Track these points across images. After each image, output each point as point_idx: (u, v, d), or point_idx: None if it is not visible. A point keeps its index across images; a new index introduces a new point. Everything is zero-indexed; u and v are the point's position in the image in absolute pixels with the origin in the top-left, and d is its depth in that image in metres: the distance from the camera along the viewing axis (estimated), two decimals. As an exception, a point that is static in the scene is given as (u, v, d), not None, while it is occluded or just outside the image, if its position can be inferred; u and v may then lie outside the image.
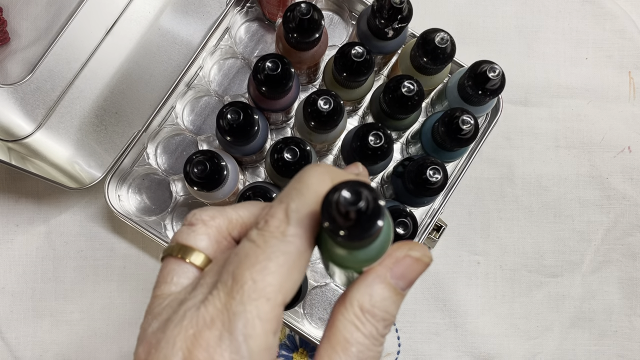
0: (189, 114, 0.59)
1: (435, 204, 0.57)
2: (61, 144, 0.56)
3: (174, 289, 0.26)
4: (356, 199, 0.21)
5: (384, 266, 0.26)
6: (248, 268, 0.23)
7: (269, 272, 0.23)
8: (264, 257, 0.23)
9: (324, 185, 0.24)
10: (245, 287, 0.23)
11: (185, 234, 0.27)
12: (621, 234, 0.60)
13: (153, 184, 0.59)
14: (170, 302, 0.25)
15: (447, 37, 0.46)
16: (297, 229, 0.24)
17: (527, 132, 0.61)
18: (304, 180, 0.25)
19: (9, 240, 0.58)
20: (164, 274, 0.27)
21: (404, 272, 0.26)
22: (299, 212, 0.24)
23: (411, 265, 0.26)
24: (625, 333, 0.59)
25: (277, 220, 0.24)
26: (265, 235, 0.24)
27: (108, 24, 0.57)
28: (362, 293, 0.25)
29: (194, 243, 0.27)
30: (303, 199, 0.24)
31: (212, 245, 0.27)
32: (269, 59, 0.44)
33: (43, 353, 0.56)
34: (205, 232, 0.27)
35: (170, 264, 0.27)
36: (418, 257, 0.26)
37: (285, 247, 0.23)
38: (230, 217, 0.27)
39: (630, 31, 0.62)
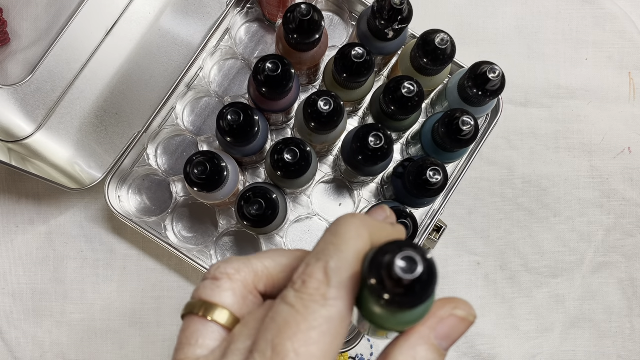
0: (189, 115, 0.59)
1: (435, 205, 0.57)
2: (61, 145, 0.56)
3: (200, 352, 0.24)
4: (412, 267, 0.20)
5: (428, 326, 0.24)
6: (290, 338, 0.21)
7: (313, 342, 0.21)
8: (306, 326, 0.21)
9: (363, 241, 0.23)
10: (288, 359, 0.21)
11: (209, 289, 0.25)
12: (621, 234, 0.60)
13: (153, 185, 0.59)
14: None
15: (447, 38, 0.46)
16: (338, 291, 0.22)
17: (527, 132, 0.61)
18: (340, 235, 0.23)
19: (9, 241, 0.58)
20: (187, 335, 0.25)
21: (448, 332, 0.24)
22: (339, 271, 0.22)
23: (456, 324, 0.24)
24: (625, 334, 0.59)
25: (316, 281, 0.22)
26: (304, 299, 0.22)
27: (108, 24, 0.57)
28: (405, 355, 0.23)
29: (220, 300, 0.25)
30: (342, 256, 0.22)
31: (239, 301, 0.25)
32: (269, 59, 0.44)
33: (43, 354, 0.56)
34: (231, 287, 0.25)
35: (195, 324, 0.25)
36: (463, 316, 0.24)
37: (328, 312, 0.22)
38: (256, 269, 0.26)
39: (630, 32, 0.62)
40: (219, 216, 0.57)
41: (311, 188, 0.58)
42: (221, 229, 0.56)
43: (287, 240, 0.58)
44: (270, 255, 0.26)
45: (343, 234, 0.23)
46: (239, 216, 0.48)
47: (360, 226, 0.23)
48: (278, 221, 0.49)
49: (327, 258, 0.22)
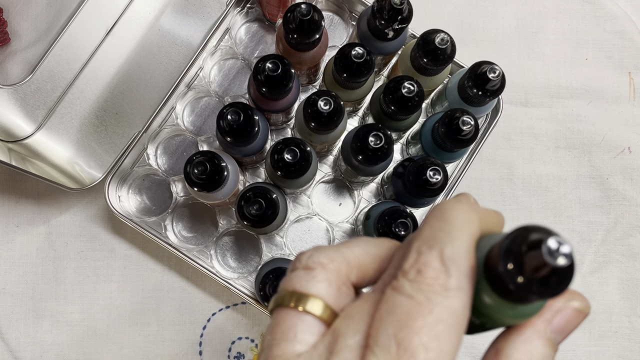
0: (189, 115, 0.59)
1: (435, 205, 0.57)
2: (61, 145, 0.56)
3: (299, 349, 0.22)
4: (561, 253, 0.18)
5: (544, 319, 0.22)
6: (416, 332, 0.20)
7: (443, 336, 0.20)
8: (432, 319, 0.20)
9: (474, 227, 0.22)
10: (418, 356, 0.19)
11: (303, 280, 0.23)
12: (621, 234, 0.60)
13: (153, 185, 0.59)
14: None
15: (447, 38, 0.46)
16: (459, 281, 0.20)
17: (527, 132, 0.61)
18: (450, 220, 0.21)
19: (9, 241, 0.58)
20: (284, 329, 0.23)
21: (564, 326, 0.23)
22: (457, 260, 0.20)
23: (573, 317, 0.23)
24: (625, 334, 0.59)
25: (433, 270, 0.20)
26: (424, 290, 0.20)
27: (108, 24, 0.57)
28: (520, 350, 0.22)
29: (315, 291, 0.23)
30: (458, 243, 0.21)
31: (334, 293, 0.23)
32: (269, 59, 0.44)
33: (43, 353, 0.56)
34: (326, 277, 0.23)
35: (290, 317, 0.23)
36: (580, 307, 0.23)
37: (451, 303, 0.20)
38: (348, 258, 0.24)
39: (631, 32, 0.62)
40: (219, 216, 0.57)
41: (311, 188, 0.58)
42: (221, 229, 0.56)
43: (287, 240, 0.58)
44: (360, 244, 0.25)
45: (453, 219, 0.22)
46: (239, 216, 0.48)
47: (469, 211, 0.22)
48: (278, 221, 0.49)
49: (440, 245, 0.21)
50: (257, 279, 0.53)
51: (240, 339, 0.57)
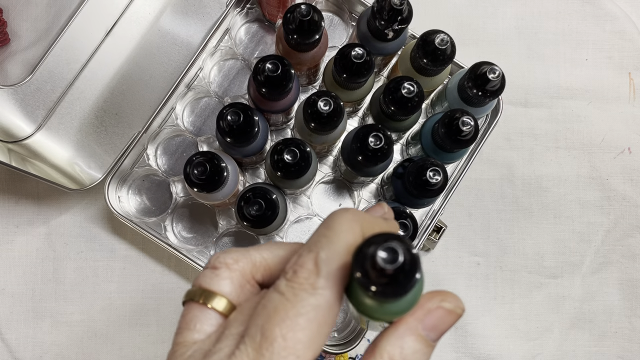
0: (189, 115, 0.59)
1: (435, 205, 0.57)
2: (61, 145, 0.56)
3: (197, 337, 0.26)
4: (393, 257, 0.21)
5: (416, 318, 0.25)
6: (278, 324, 0.22)
7: (300, 329, 0.22)
8: (294, 313, 0.23)
9: (354, 234, 0.24)
10: (275, 344, 0.22)
11: (208, 277, 0.26)
12: (621, 235, 0.60)
13: (153, 185, 0.59)
14: (194, 352, 0.25)
15: (447, 39, 0.46)
16: (327, 281, 0.23)
17: (527, 133, 0.61)
18: (333, 228, 0.24)
19: (9, 241, 0.58)
20: (187, 320, 0.26)
21: (435, 324, 0.25)
22: (328, 262, 0.23)
23: (443, 316, 0.25)
24: (625, 334, 0.59)
25: (306, 271, 0.23)
26: (294, 288, 0.23)
27: (108, 25, 0.57)
28: (392, 345, 0.24)
29: (218, 288, 0.26)
30: (333, 248, 0.23)
31: (236, 290, 0.26)
32: (269, 60, 0.44)
33: (43, 354, 0.56)
34: (229, 276, 0.26)
35: (193, 310, 0.26)
36: (451, 308, 0.25)
37: (316, 300, 0.23)
38: (254, 260, 0.27)
39: (630, 32, 0.62)
40: (219, 216, 0.57)
41: (311, 188, 0.58)
42: (221, 230, 0.56)
43: (287, 241, 0.58)
44: (268, 247, 0.27)
45: (335, 227, 0.24)
46: (238, 216, 0.48)
47: (353, 220, 0.24)
48: (278, 222, 0.49)
49: (318, 249, 0.23)
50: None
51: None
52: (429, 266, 0.59)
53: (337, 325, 0.56)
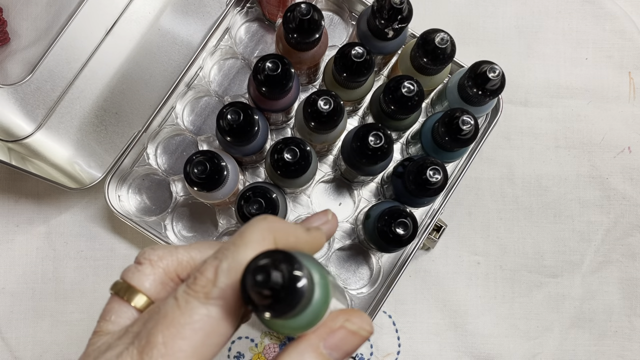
0: (189, 114, 0.59)
1: (435, 204, 0.57)
2: (61, 144, 0.56)
3: (112, 328, 0.26)
4: (264, 278, 0.20)
5: (318, 335, 0.24)
6: (162, 330, 0.23)
7: (182, 337, 0.22)
8: (180, 321, 0.22)
9: (265, 245, 0.24)
10: (155, 350, 0.22)
11: (131, 272, 0.27)
12: (621, 234, 0.60)
13: (153, 184, 0.59)
14: (101, 344, 0.25)
15: (447, 38, 0.46)
16: (222, 292, 0.23)
17: (527, 132, 0.61)
18: (244, 237, 0.24)
19: (9, 241, 0.58)
20: (106, 311, 0.27)
21: (337, 344, 0.24)
22: (229, 273, 0.23)
23: (346, 337, 0.24)
24: (625, 333, 0.59)
25: (204, 279, 0.23)
26: (189, 295, 0.23)
27: (108, 24, 0.57)
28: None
29: (138, 283, 0.27)
30: (237, 258, 0.23)
31: (157, 286, 0.27)
32: (269, 59, 0.44)
33: (43, 353, 0.56)
34: (152, 272, 0.27)
35: (112, 302, 0.27)
36: (354, 329, 0.24)
37: (206, 310, 0.23)
38: (180, 259, 0.27)
39: (630, 31, 0.62)
40: (219, 216, 0.57)
41: (311, 187, 0.58)
42: (221, 229, 0.56)
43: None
44: (198, 247, 0.27)
45: (246, 236, 0.24)
46: (238, 216, 0.48)
47: (266, 230, 0.24)
48: (278, 221, 0.49)
49: (222, 258, 0.23)
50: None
51: (240, 339, 0.57)
52: (429, 265, 0.59)
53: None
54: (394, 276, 0.55)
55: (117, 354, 0.23)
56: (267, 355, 0.57)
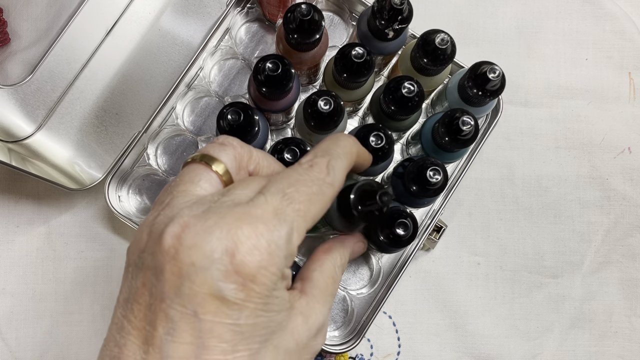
0: (189, 115, 0.59)
1: (435, 205, 0.57)
2: (61, 145, 0.56)
3: (200, 192, 0.29)
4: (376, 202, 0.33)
5: (352, 241, 0.37)
6: (298, 191, 0.28)
7: (313, 202, 0.28)
8: (310, 190, 0.28)
9: (353, 155, 0.33)
10: (294, 204, 0.28)
11: (216, 149, 0.30)
12: (621, 234, 0.60)
13: (153, 185, 0.59)
14: (200, 199, 0.28)
15: (448, 38, 0.46)
16: (333, 181, 0.30)
17: (527, 132, 0.61)
18: (341, 145, 0.32)
19: (9, 241, 0.58)
20: (192, 176, 0.29)
21: (356, 252, 0.37)
22: (336, 170, 0.30)
23: (362, 248, 0.39)
24: (625, 334, 0.59)
25: (320, 169, 0.30)
26: (311, 174, 0.29)
27: (108, 24, 0.57)
28: (342, 251, 0.35)
29: (224, 158, 0.30)
30: (340, 161, 0.31)
31: (235, 166, 0.31)
32: (269, 59, 0.44)
33: (43, 354, 0.56)
34: (233, 154, 0.30)
35: (198, 169, 0.30)
36: (365, 247, 0.38)
37: (325, 188, 0.29)
38: (251, 153, 0.32)
39: (631, 32, 0.62)
40: (219, 216, 0.57)
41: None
42: (221, 229, 0.56)
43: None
44: (264, 155, 0.33)
45: (343, 145, 0.33)
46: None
47: (354, 144, 0.34)
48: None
49: (329, 157, 0.31)
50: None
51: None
52: (429, 266, 0.59)
53: (337, 324, 0.56)
54: (394, 277, 0.55)
55: (245, 201, 0.27)
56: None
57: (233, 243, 0.25)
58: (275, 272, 0.27)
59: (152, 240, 0.27)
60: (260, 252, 0.26)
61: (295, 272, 0.34)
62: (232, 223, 0.26)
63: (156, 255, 0.26)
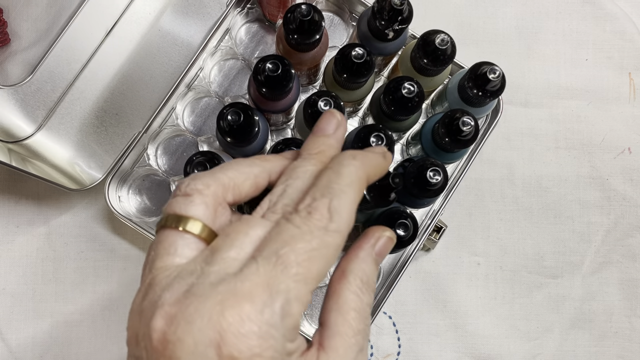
0: (189, 115, 0.59)
1: (435, 205, 0.57)
2: (61, 145, 0.56)
3: (179, 261, 0.26)
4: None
5: (370, 244, 0.29)
6: (294, 251, 0.24)
7: (314, 260, 0.24)
8: (310, 246, 0.24)
9: (361, 183, 0.27)
10: (290, 268, 0.24)
11: (182, 204, 0.26)
12: (621, 235, 0.60)
13: (153, 185, 0.59)
14: (181, 273, 0.25)
15: (448, 39, 0.46)
16: (339, 227, 0.25)
17: (528, 133, 0.61)
18: (343, 176, 0.27)
19: (9, 241, 0.58)
20: (165, 246, 0.26)
21: (382, 250, 0.30)
22: (341, 211, 0.26)
23: (387, 243, 0.30)
24: (625, 334, 0.59)
25: (320, 215, 0.25)
26: (310, 225, 0.25)
27: (108, 25, 0.57)
28: (358, 268, 0.28)
29: (193, 213, 0.26)
30: (344, 198, 0.26)
31: (211, 214, 0.27)
32: (269, 60, 0.44)
33: (43, 354, 0.56)
34: (203, 201, 0.26)
35: (171, 236, 0.26)
36: (391, 236, 0.30)
37: (329, 239, 0.25)
38: (223, 182, 0.27)
39: (631, 32, 0.62)
40: (219, 216, 0.57)
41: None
42: (221, 230, 0.56)
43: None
44: (233, 166, 0.28)
45: (346, 175, 0.27)
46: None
47: (360, 167, 0.27)
48: (278, 221, 0.49)
49: (330, 197, 0.26)
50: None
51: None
52: (429, 266, 0.59)
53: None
54: (394, 277, 0.55)
55: (232, 274, 0.24)
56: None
57: (217, 333, 0.22)
58: (272, 355, 0.23)
59: (142, 329, 0.24)
60: (249, 338, 0.22)
61: None
62: (213, 308, 0.23)
63: (149, 351, 0.24)
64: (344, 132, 0.31)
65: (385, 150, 0.31)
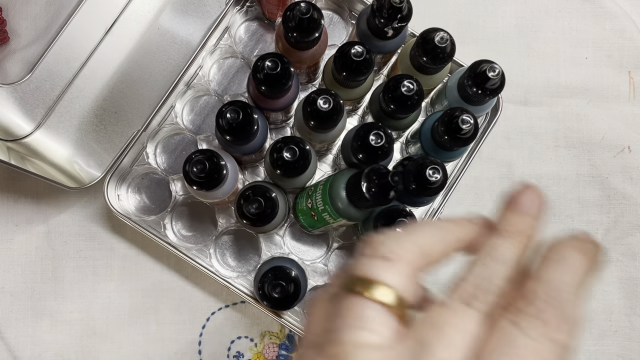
0: (188, 114, 0.59)
1: (435, 204, 0.57)
2: (60, 144, 0.56)
3: (376, 340, 0.22)
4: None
5: None
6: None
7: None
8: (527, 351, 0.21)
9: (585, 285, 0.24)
10: None
11: (381, 269, 0.23)
12: (621, 233, 0.60)
13: (152, 184, 0.58)
14: (386, 357, 0.21)
15: (447, 37, 0.46)
16: (574, 342, 0.22)
17: (527, 131, 0.61)
18: (575, 277, 0.25)
19: (8, 240, 0.58)
20: (356, 316, 0.22)
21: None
22: (579, 323, 0.23)
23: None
24: (625, 333, 0.59)
25: (555, 326, 0.22)
26: (546, 337, 0.22)
27: (107, 23, 0.57)
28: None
29: (392, 282, 0.23)
30: (581, 306, 0.24)
31: (408, 285, 0.23)
32: (268, 58, 0.44)
33: (42, 353, 0.56)
34: (404, 269, 0.23)
35: (362, 305, 0.22)
36: None
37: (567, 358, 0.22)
38: (423, 249, 0.24)
39: (630, 31, 0.62)
40: (218, 215, 0.57)
41: (311, 187, 0.58)
42: (220, 228, 0.56)
43: (287, 239, 0.58)
44: (428, 230, 0.25)
45: (576, 276, 0.25)
46: (238, 215, 0.47)
47: (587, 265, 0.26)
48: (277, 220, 0.49)
49: (566, 304, 0.23)
50: (256, 278, 0.53)
51: (240, 338, 0.57)
52: (429, 265, 0.59)
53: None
54: (394, 275, 0.54)
55: None
56: (266, 355, 0.57)
57: None
58: None
59: None
60: None
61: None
62: None
63: None
64: (544, 213, 0.27)
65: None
